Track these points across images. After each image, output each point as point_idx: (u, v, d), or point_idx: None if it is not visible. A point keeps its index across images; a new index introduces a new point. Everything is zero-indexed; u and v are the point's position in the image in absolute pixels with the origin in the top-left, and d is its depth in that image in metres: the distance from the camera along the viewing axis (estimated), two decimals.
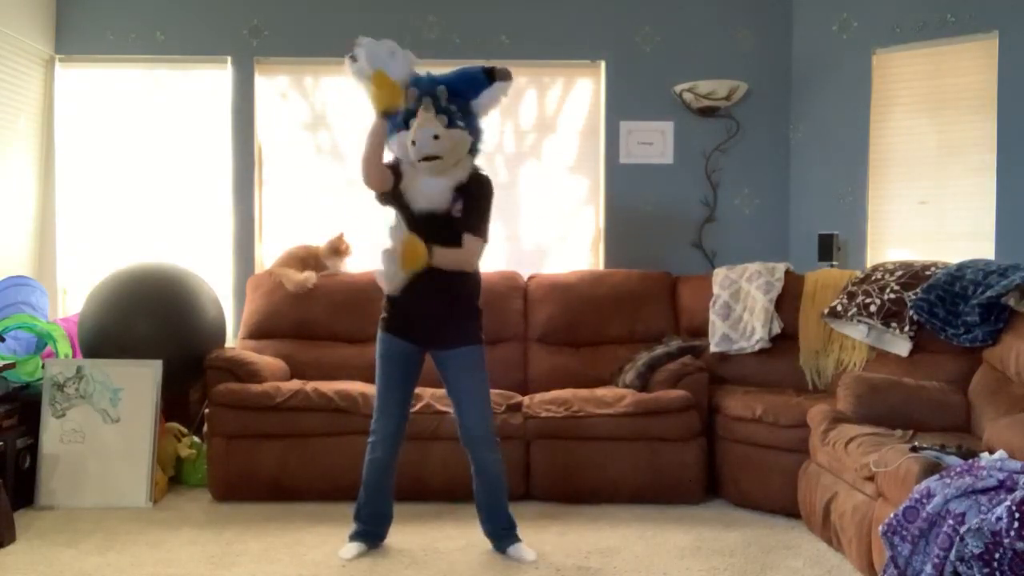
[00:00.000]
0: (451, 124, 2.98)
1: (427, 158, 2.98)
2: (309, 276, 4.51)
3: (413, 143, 2.96)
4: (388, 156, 3.13)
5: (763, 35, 4.99)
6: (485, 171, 3.21)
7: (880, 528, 2.50)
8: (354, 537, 3.22)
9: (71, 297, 4.95)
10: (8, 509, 3.33)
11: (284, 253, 4.67)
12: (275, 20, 4.93)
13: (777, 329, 4.23)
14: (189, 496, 4.02)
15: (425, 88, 3.01)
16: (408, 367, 3.18)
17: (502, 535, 3.21)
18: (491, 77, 3.05)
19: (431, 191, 3.05)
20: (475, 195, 3.11)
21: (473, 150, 3.12)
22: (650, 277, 4.66)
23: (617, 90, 4.98)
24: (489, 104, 3.10)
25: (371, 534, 3.24)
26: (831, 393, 3.86)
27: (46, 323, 4.17)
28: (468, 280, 3.16)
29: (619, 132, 4.98)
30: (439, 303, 3.09)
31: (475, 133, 3.10)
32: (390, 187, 3.07)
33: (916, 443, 2.88)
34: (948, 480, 2.42)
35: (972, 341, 3.59)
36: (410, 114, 2.99)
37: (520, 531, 3.25)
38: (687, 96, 4.87)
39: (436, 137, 2.94)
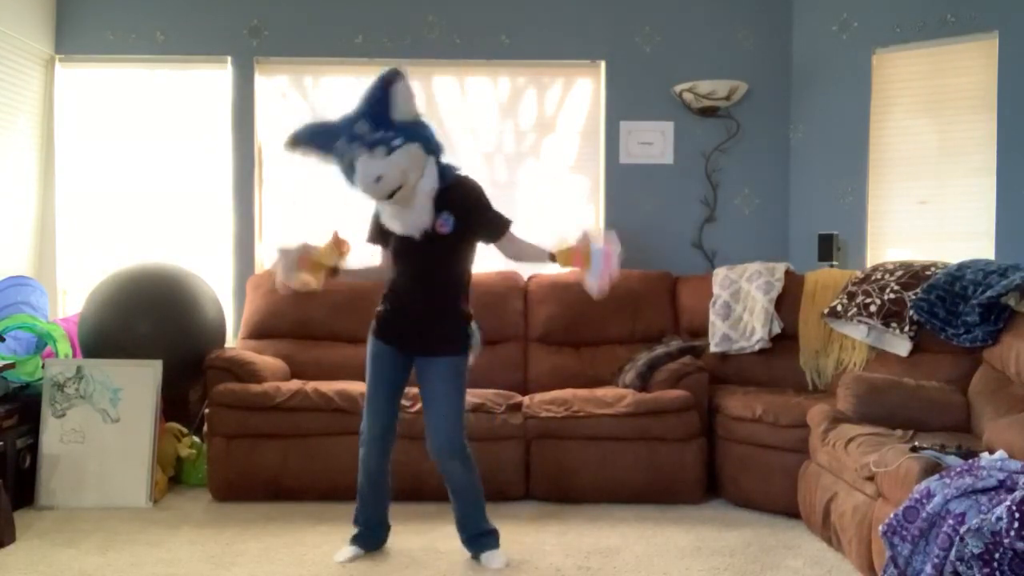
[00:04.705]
0: (391, 151, 2.82)
1: (388, 196, 2.89)
2: (309, 280, 4.50)
3: (365, 193, 2.90)
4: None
5: (763, 35, 4.99)
6: (461, 170, 3.08)
7: (880, 528, 2.50)
8: (353, 541, 3.20)
9: (71, 297, 4.95)
10: (8, 509, 3.33)
11: None
12: (275, 20, 4.93)
13: (777, 329, 4.23)
14: (189, 496, 4.02)
15: (347, 135, 2.85)
16: (396, 369, 3.14)
17: (476, 542, 3.16)
18: (384, 85, 2.85)
19: (409, 217, 2.98)
20: (472, 205, 3.05)
21: (431, 151, 2.96)
22: (650, 277, 4.66)
23: (617, 90, 4.98)
24: (405, 107, 2.88)
25: (369, 539, 3.22)
26: (831, 393, 3.86)
27: (46, 323, 4.17)
28: (457, 288, 3.11)
29: (619, 132, 4.98)
30: (425, 314, 3.06)
31: (421, 137, 2.91)
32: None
33: (916, 443, 2.88)
34: (948, 480, 2.42)
35: (972, 341, 3.59)
36: (346, 164, 2.89)
37: (519, 531, 3.24)
38: (687, 96, 4.87)
39: (378, 179, 2.83)
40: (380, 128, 2.83)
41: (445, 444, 3.05)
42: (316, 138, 2.96)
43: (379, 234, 3.16)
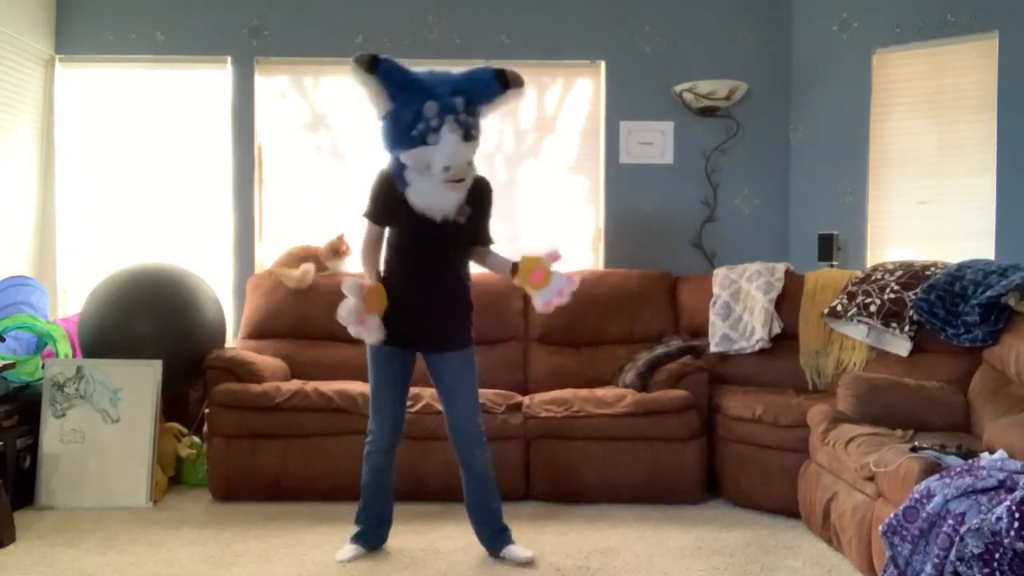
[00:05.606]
0: (467, 137, 2.87)
1: (458, 180, 2.91)
2: (308, 269, 4.51)
3: (446, 168, 2.83)
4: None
5: (763, 35, 4.99)
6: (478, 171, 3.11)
7: (880, 528, 2.50)
8: (354, 540, 3.21)
9: (71, 297, 4.95)
10: (8, 509, 3.33)
11: (284, 253, 4.68)
12: (275, 20, 4.93)
13: (777, 329, 4.24)
14: (189, 496, 4.02)
15: (446, 103, 2.81)
16: (404, 368, 3.17)
17: (497, 537, 3.17)
18: (504, 83, 2.88)
19: (450, 202, 2.96)
20: (483, 204, 3.12)
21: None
22: (650, 277, 4.66)
23: (617, 90, 4.98)
24: (496, 109, 2.96)
25: (371, 537, 3.23)
26: (831, 393, 3.86)
27: (46, 323, 4.17)
28: (463, 285, 3.16)
29: (619, 132, 4.98)
30: (438, 309, 3.08)
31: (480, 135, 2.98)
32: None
33: (916, 443, 2.88)
34: (948, 480, 2.42)
35: (972, 341, 3.59)
36: (427, 127, 2.80)
37: (519, 531, 3.24)
38: (687, 96, 4.87)
39: (470, 164, 2.93)
40: (469, 113, 2.86)
41: (474, 431, 3.12)
42: (398, 79, 2.82)
43: (388, 213, 3.05)
